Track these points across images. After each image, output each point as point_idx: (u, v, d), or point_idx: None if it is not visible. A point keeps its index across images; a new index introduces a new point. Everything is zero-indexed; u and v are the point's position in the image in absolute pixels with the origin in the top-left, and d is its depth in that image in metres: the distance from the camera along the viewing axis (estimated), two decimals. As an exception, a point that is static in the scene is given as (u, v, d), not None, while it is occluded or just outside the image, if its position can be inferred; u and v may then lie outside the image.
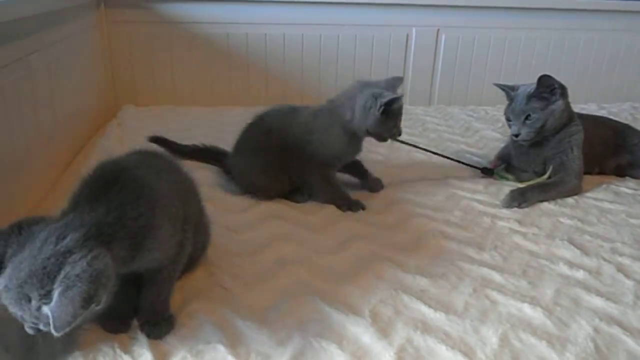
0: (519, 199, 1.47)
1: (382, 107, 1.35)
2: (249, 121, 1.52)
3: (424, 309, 0.99)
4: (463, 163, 1.68)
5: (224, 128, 2.01)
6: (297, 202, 1.44)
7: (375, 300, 1.00)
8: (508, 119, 1.63)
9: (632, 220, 1.40)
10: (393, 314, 0.97)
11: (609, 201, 1.52)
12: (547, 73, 1.54)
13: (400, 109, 1.41)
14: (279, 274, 1.08)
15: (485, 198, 1.51)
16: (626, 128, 1.83)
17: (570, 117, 1.61)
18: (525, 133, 1.57)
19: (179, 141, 1.76)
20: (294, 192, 1.46)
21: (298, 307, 0.97)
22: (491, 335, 0.92)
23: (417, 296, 1.02)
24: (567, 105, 1.59)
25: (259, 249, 1.17)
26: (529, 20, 2.65)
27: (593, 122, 1.78)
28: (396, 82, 1.47)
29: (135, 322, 0.91)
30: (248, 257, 1.14)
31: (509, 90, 1.62)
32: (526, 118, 1.56)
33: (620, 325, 0.96)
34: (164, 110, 2.22)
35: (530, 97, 1.55)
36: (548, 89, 1.53)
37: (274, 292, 1.02)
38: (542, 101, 1.54)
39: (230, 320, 0.93)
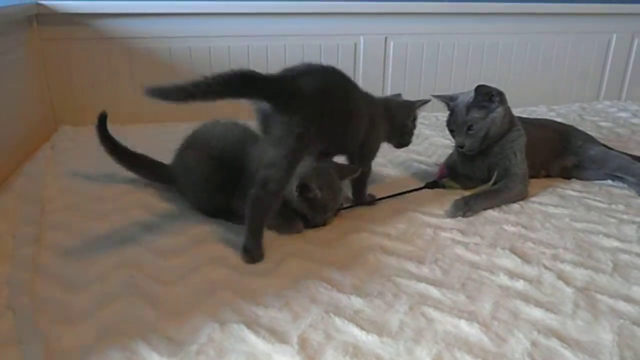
0: (463, 208, 1.44)
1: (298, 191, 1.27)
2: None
3: (357, 331, 0.93)
4: (408, 191, 1.60)
5: (168, 145, 1.94)
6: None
7: (305, 325, 0.95)
8: (451, 130, 1.60)
9: (576, 224, 1.38)
10: (323, 339, 0.92)
11: (554, 205, 1.51)
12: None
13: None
14: (206, 301, 1.02)
15: (430, 209, 1.47)
16: (570, 129, 1.82)
17: (512, 122, 1.60)
18: (469, 144, 1.54)
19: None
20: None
21: (221, 337, 0.91)
22: (425, 357, 0.87)
23: (350, 318, 0.97)
24: (508, 110, 1.57)
25: (188, 274, 1.11)
26: (476, 24, 2.66)
27: (537, 126, 1.77)
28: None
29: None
30: (175, 284, 1.07)
31: (447, 101, 1.59)
32: (468, 129, 1.53)
33: (558, 337, 0.93)
34: (104, 130, 2.12)
35: (469, 107, 1.52)
36: (486, 97, 1.51)
37: (197, 322, 0.95)
38: (482, 110, 1.52)
39: (146, 355, 0.87)
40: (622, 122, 2.48)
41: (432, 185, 1.63)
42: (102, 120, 1.53)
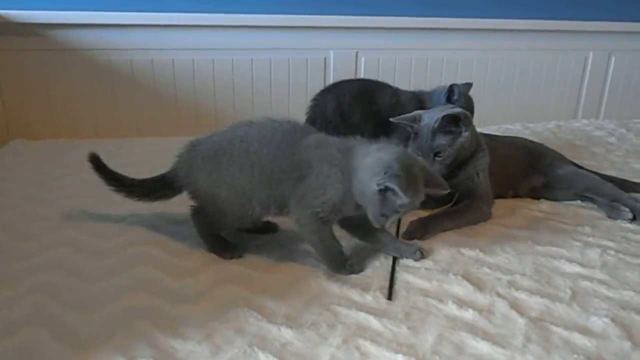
0: (420, 231, 1.35)
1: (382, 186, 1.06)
2: None
3: (281, 368, 0.84)
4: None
5: (125, 161, 1.85)
6: None
7: (224, 360, 0.86)
8: (416, 154, 1.52)
9: (537, 247, 1.30)
10: (242, 376, 0.82)
11: (518, 227, 1.43)
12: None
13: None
14: (120, 331, 0.92)
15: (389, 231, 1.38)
16: (540, 148, 1.76)
17: (478, 142, 1.52)
18: (436, 170, 1.46)
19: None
20: None
21: (126, 376, 0.81)
22: (352, 398, 0.78)
23: (276, 352, 0.88)
24: (473, 131, 1.50)
25: (107, 300, 1.01)
26: (450, 40, 2.60)
27: (505, 144, 1.70)
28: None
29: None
30: (90, 312, 0.98)
31: (410, 124, 1.50)
32: (435, 155, 1.45)
33: (504, 375, 0.84)
34: (58, 145, 2.04)
35: (435, 132, 1.44)
36: (453, 122, 1.43)
37: (104, 357, 0.85)
38: (449, 135, 1.44)
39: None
40: (597, 140, 2.42)
41: None
42: (96, 161, 1.32)
